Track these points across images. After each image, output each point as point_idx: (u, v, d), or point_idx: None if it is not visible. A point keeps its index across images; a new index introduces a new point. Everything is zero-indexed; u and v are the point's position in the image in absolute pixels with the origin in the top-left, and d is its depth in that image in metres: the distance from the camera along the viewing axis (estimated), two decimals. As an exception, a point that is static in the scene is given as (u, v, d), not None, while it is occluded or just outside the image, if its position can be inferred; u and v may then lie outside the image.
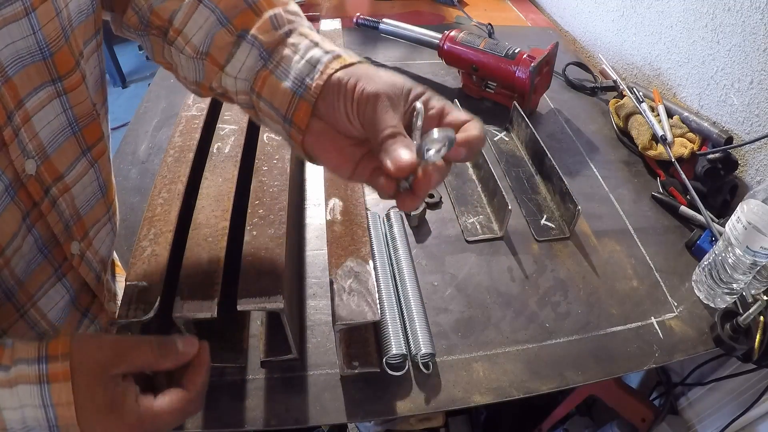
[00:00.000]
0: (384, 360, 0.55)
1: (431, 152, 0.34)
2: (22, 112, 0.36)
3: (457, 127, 0.36)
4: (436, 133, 0.34)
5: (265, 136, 0.65)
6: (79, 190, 0.44)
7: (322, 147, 0.38)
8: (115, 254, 0.60)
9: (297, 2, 0.46)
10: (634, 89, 0.94)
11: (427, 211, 0.76)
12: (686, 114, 0.87)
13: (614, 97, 1.00)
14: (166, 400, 0.35)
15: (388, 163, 0.33)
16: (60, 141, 0.40)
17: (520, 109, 0.88)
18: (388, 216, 0.72)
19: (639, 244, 0.73)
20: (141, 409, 0.34)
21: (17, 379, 0.31)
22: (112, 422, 0.33)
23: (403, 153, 0.33)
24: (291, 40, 0.39)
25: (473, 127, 0.36)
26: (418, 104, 0.35)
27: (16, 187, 0.37)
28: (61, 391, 0.32)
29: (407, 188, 0.36)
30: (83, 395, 0.32)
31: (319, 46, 0.38)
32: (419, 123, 0.35)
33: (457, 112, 0.37)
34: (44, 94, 0.37)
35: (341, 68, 0.36)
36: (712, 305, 0.65)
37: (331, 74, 0.36)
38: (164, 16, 0.40)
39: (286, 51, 0.38)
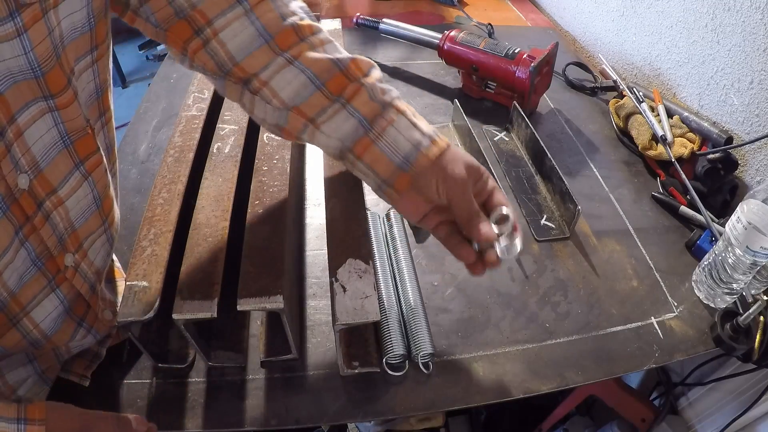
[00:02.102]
0: (384, 360, 0.55)
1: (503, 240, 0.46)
2: (14, 127, 0.35)
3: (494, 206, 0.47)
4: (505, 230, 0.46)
5: (265, 136, 0.65)
6: (73, 202, 0.43)
7: (405, 202, 0.46)
8: (115, 258, 0.60)
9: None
10: (634, 89, 0.94)
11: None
12: (686, 114, 0.87)
13: (614, 97, 1.00)
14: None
15: (479, 235, 0.44)
16: (52, 155, 0.40)
17: (520, 109, 0.88)
18: (388, 216, 0.72)
19: (639, 244, 0.73)
20: None
21: None
22: None
23: (488, 229, 0.44)
24: (389, 115, 0.45)
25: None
26: (504, 210, 0.46)
27: (8, 202, 0.36)
28: None
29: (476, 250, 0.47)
30: None
31: (417, 127, 0.45)
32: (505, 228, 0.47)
33: (499, 195, 0.48)
34: (36, 109, 0.37)
35: (438, 156, 0.45)
36: (712, 305, 0.65)
37: (433, 161, 0.44)
38: (249, 70, 0.44)
39: (387, 127, 0.45)
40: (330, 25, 0.92)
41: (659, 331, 0.62)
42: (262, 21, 0.44)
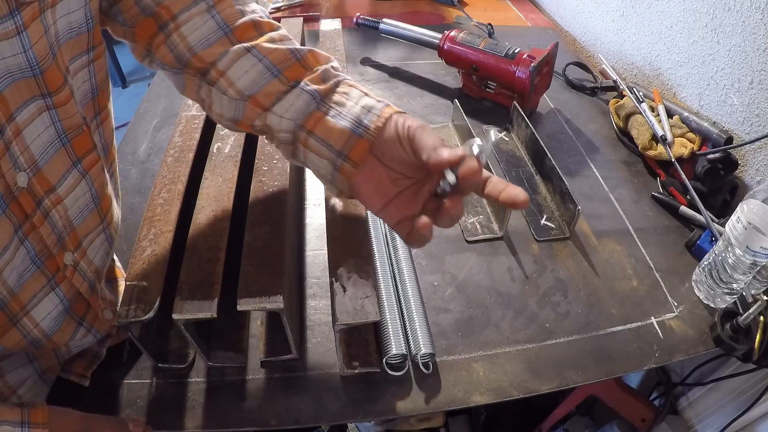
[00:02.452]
0: (384, 360, 0.55)
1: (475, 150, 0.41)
2: (13, 125, 0.35)
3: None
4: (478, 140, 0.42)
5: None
6: (71, 201, 0.43)
7: (363, 181, 0.44)
8: (116, 258, 0.60)
9: (297, 2, 0.49)
10: (634, 89, 0.94)
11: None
12: (686, 114, 0.87)
13: (614, 97, 1.00)
14: None
15: (444, 156, 0.40)
16: (50, 153, 0.40)
17: (520, 109, 0.88)
18: (388, 216, 0.72)
19: (639, 244, 0.73)
20: None
21: None
22: None
23: (447, 151, 0.40)
24: (341, 89, 0.45)
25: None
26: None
27: (8, 201, 0.36)
28: None
29: (445, 193, 0.42)
30: None
31: (369, 95, 0.45)
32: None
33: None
34: (34, 107, 0.37)
35: (395, 113, 0.43)
36: (712, 305, 0.65)
37: (388, 118, 0.43)
38: (207, 59, 0.44)
39: (338, 97, 0.44)
40: (330, 25, 0.92)
41: (659, 331, 0.62)
42: (222, 15, 0.45)
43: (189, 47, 0.44)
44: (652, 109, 0.90)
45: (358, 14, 1.13)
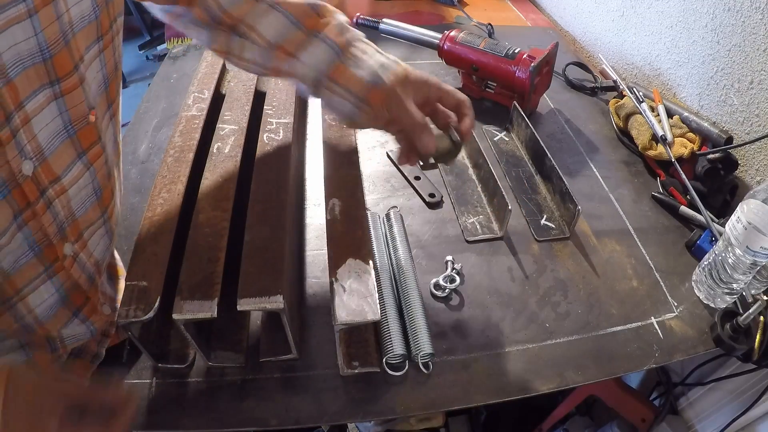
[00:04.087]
0: (384, 360, 0.55)
1: None
2: (22, 113, 0.36)
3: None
4: None
5: (265, 136, 0.65)
6: (75, 192, 0.44)
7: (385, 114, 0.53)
8: (117, 257, 0.60)
9: None
10: (634, 89, 0.94)
11: (427, 209, 0.76)
12: (686, 114, 0.87)
13: (614, 97, 1.00)
14: None
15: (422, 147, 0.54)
16: (57, 143, 0.41)
17: (520, 109, 0.88)
18: (388, 216, 0.72)
19: (639, 244, 0.73)
20: None
21: None
22: None
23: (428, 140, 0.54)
24: (358, 45, 0.54)
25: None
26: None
27: (10, 187, 0.37)
28: None
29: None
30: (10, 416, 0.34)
31: (383, 54, 0.55)
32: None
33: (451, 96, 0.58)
34: (43, 96, 0.38)
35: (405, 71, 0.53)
36: (712, 305, 0.65)
37: (401, 74, 0.53)
38: (237, 15, 0.52)
39: (356, 52, 0.53)
40: (330, 25, 0.91)
41: (659, 331, 0.62)
42: None
43: (220, 6, 0.51)
44: (652, 109, 0.90)
45: (358, 14, 1.13)
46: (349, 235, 0.55)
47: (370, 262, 0.52)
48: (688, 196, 0.77)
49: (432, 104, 0.56)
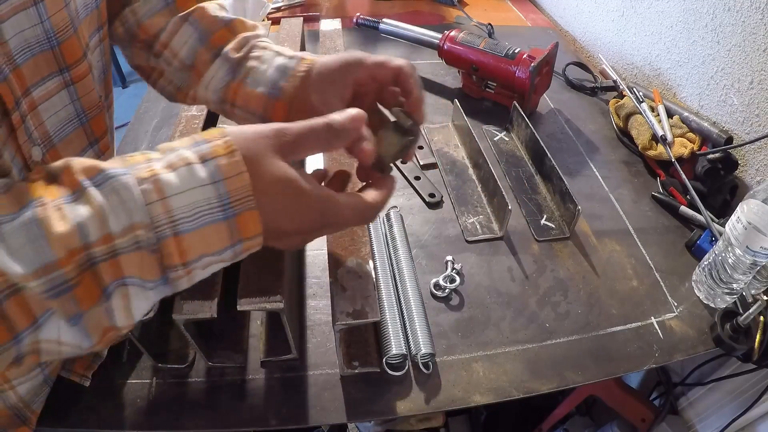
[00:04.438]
0: (384, 360, 0.55)
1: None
2: (29, 100, 0.37)
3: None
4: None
5: (265, 136, 0.65)
6: None
7: None
8: None
9: (297, 2, 0.50)
10: (634, 89, 0.94)
11: (427, 209, 0.76)
12: (686, 114, 0.87)
13: (614, 97, 1.00)
14: (348, 198, 0.36)
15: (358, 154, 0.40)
16: (67, 131, 0.41)
17: (520, 109, 0.88)
18: (388, 216, 0.72)
19: (639, 244, 0.73)
20: (324, 194, 0.34)
21: (178, 163, 0.30)
22: (294, 200, 0.33)
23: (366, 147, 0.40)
24: (254, 53, 0.45)
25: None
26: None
27: (25, 173, 0.38)
28: (228, 164, 0.30)
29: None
30: (257, 167, 0.31)
31: (282, 54, 0.45)
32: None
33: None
34: (52, 84, 0.38)
35: (307, 69, 0.43)
36: (712, 305, 0.65)
37: (303, 75, 0.43)
38: (151, 31, 0.46)
39: (252, 63, 0.44)
40: (330, 25, 0.92)
41: (659, 331, 0.62)
42: None
43: (137, 19, 0.47)
44: (652, 109, 0.90)
45: (358, 14, 1.13)
46: (349, 235, 0.55)
47: (370, 262, 0.52)
48: (688, 196, 0.77)
49: (369, 87, 0.45)
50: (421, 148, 0.87)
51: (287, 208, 0.33)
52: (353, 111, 0.36)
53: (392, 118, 0.43)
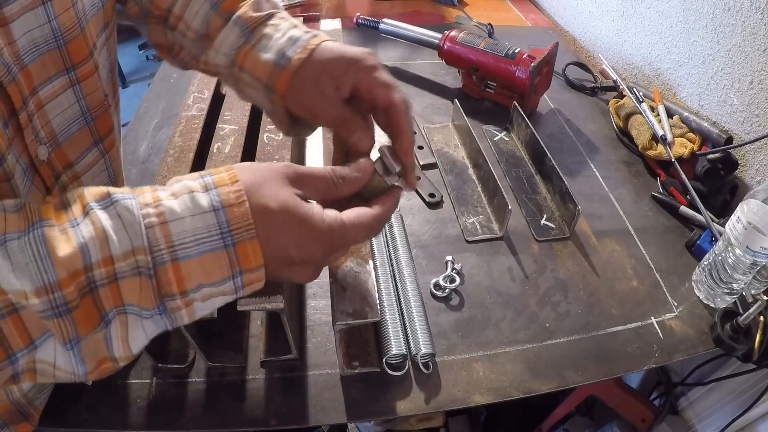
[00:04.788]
0: (384, 360, 0.55)
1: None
2: (35, 99, 0.37)
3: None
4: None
5: (265, 136, 0.65)
6: (89, 179, 0.45)
7: (301, 106, 0.42)
8: None
9: (297, 2, 0.49)
10: (634, 89, 0.94)
11: (427, 209, 0.76)
12: (686, 114, 0.87)
13: (614, 97, 1.00)
14: (353, 214, 0.35)
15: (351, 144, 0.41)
16: (73, 130, 0.42)
17: (520, 109, 0.88)
18: (388, 216, 0.72)
19: (639, 244, 0.73)
20: (329, 219, 0.34)
21: (181, 191, 0.31)
22: (299, 228, 0.32)
23: (361, 138, 0.41)
24: (271, 21, 0.44)
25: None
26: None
27: (32, 172, 0.38)
28: (230, 192, 0.31)
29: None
30: (260, 197, 0.31)
31: (297, 27, 0.44)
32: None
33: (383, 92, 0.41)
34: (58, 83, 0.39)
35: (324, 42, 0.41)
36: (712, 305, 0.65)
37: (315, 47, 0.41)
38: (163, 6, 0.46)
39: (267, 30, 0.43)
40: (330, 25, 0.92)
41: (659, 331, 0.62)
42: None
43: None
44: (652, 109, 0.90)
45: (358, 14, 1.13)
46: (349, 235, 0.55)
47: (370, 262, 0.52)
48: (688, 196, 0.77)
49: (366, 95, 0.41)
50: (420, 148, 0.87)
51: (293, 237, 0.32)
52: (362, 162, 0.37)
53: (378, 155, 0.40)
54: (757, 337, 0.57)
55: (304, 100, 0.41)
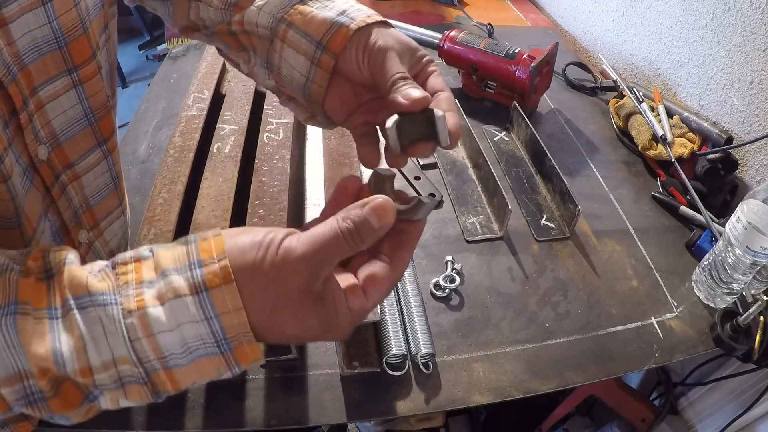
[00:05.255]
0: (384, 360, 0.54)
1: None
2: (35, 99, 0.37)
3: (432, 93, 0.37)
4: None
5: (265, 136, 0.65)
6: (90, 179, 0.45)
7: (330, 95, 0.39)
8: None
9: None
10: (634, 89, 0.94)
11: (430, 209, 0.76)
12: (686, 114, 0.87)
13: (614, 97, 1.00)
14: (374, 291, 0.30)
15: (400, 99, 0.34)
16: (75, 130, 0.42)
17: (520, 109, 0.88)
18: (388, 216, 0.72)
19: (639, 244, 0.73)
20: (330, 306, 0.29)
21: (167, 294, 0.27)
22: (299, 310, 0.28)
23: (414, 91, 0.34)
24: None
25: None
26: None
27: (31, 172, 0.38)
28: (225, 297, 0.27)
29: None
30: (262, 291, 0.27)
31: (359, 3, 0.40)
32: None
33: (437, 80, 0.38)
34: (60, 84, 0.39)
35: (378, 22, 0.38)
36: (712, 305, 0.65)
37: (372, 23, 0.38)
38: None
39: None
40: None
41: (659, 331, 0.62)
42: None
43: None
44: (652, 109, 0.90)
45: (358, 14, 1.12)
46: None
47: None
48: (688, 196, 0.77)
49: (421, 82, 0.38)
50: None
51: (293, 319, 0.29)
52: (379, 203, 0.29)
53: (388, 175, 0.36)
54: (757, 337, 0.57)
55: (360, 59, 0.37)
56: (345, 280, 0.30)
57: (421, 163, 0.84)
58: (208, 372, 0.28)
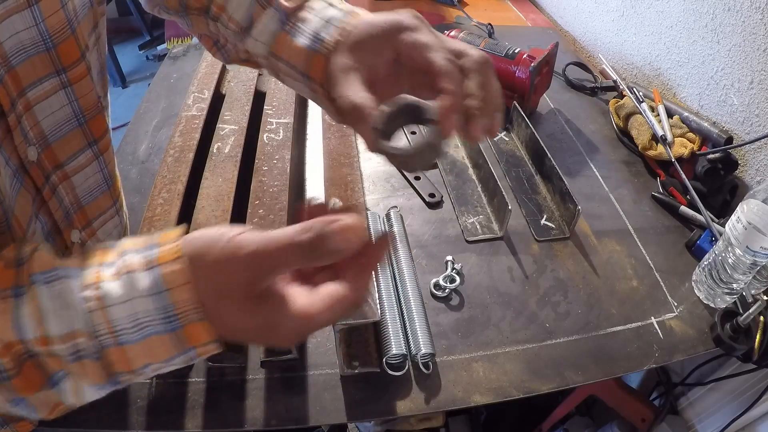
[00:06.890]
0: (384, 360, 0.55)
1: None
2: (24, 101, 0.37)
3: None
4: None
5: (265, 136, 0.65)
6: (80, 179, 0.44)
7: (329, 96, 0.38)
8: None
9: None
10: (634, 89, 0.94)
11: (427, 209, 0.76)
12: (686, 114, 0.87)
13: (614, 97, 1.00)
14: (323, 304, 0.29)
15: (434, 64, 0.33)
16: (65, 131, 0.41)
17: (520, 109, 0.88)
18: (388, 216, 0.72)
19: (639, 244, 0.73)
20: (276, 303, 0.28)
21: (122, 269, 0.28)
22: (262, 330, 0.28)
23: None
24: (310, 4, 0.40)
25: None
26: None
27: (22, 173, 0.38)
28: (175, 271, 0.27)
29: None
30: (207, 269, 0.27)
31: (332, 5, 0.40)
32: None
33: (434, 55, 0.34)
34: (48, 85, 0.38)
35: (355, 25, 0.37)
36: (712, 305, 0.65)
37: (350, 30, 0.37)
38: None
39: (304, 14, 0.39)
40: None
41: (659, 331, 0.62)
42: None
43: None
44: (652, 109, 0.90)
45: (358, 14, 1.12)
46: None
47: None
48: (688, 196, 0.77)
49: (408, 62, 0.36)
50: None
51: (234, 313, 0.29)
52: (353, 231, 0.28)
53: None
54: (757, 337, 0.57)
55: (332, 84, 0.36)
56: (299, 290, 0.29)
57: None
58: (159, 352, 0.28)
